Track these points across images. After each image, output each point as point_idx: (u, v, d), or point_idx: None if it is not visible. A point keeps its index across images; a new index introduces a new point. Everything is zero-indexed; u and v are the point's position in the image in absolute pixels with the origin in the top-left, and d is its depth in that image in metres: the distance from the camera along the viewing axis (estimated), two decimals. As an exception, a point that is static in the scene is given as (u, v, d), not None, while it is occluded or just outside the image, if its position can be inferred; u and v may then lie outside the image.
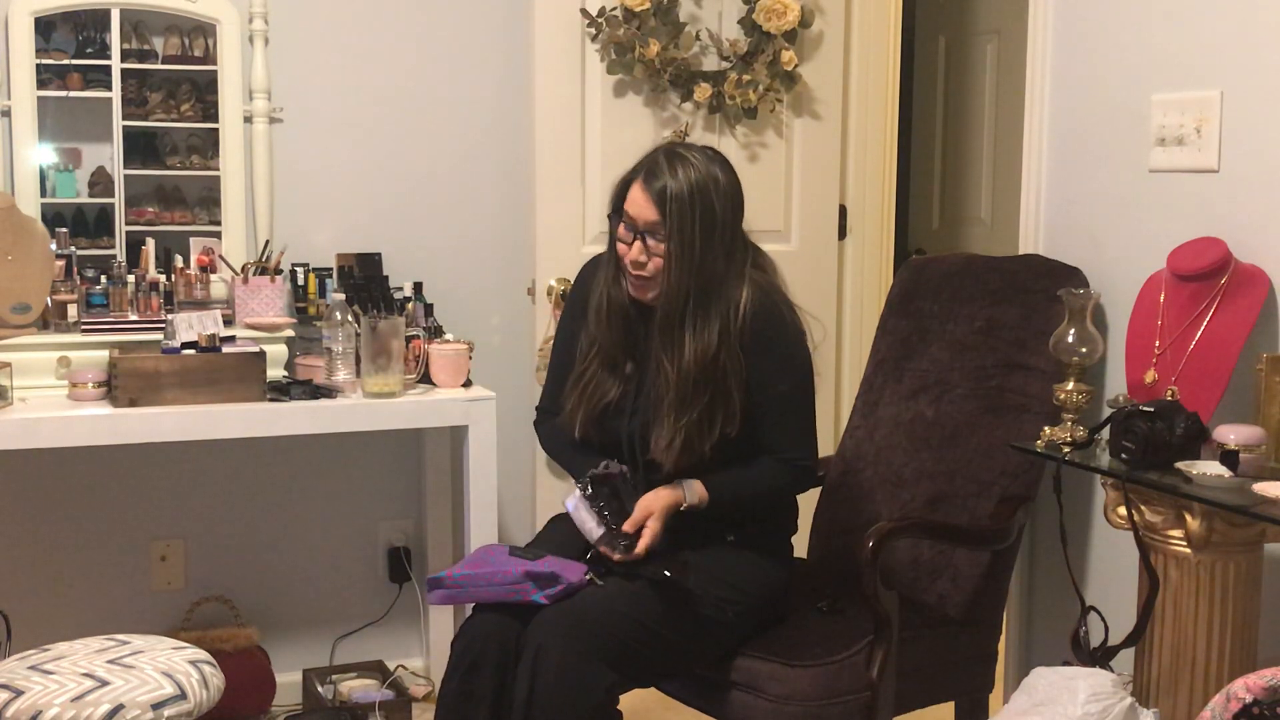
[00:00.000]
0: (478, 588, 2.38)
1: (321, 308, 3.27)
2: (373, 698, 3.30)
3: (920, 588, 2.74)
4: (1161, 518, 2.24)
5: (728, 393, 2.43)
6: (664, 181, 2.39)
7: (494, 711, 2.32)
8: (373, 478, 3.58)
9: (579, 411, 2.54)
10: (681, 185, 2.38)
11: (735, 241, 2.46)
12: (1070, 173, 2.89)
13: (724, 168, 2.45)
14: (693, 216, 2.38)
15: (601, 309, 2.52)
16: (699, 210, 2.39)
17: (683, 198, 2.38)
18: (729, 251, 2.44)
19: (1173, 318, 2.43)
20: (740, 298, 2.45)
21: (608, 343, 2.53)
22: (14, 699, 2.21)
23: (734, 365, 2.43)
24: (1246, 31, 2.43)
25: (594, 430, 2.55)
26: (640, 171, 2.44)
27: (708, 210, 2.40)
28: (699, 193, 2.39)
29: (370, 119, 3.49)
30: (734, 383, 2.44)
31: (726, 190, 2.43)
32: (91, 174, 3.31)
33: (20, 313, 2.95)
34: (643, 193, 2.41)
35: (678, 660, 2.45)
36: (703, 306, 2.43)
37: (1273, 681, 1.76)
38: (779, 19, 3.51)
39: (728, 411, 2.43)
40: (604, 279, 2.53)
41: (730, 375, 2.43)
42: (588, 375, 2.53)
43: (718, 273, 2.43)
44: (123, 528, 3.38)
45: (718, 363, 2.42)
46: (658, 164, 2.42)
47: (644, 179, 2.42)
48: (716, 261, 2.42)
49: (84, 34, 3.26)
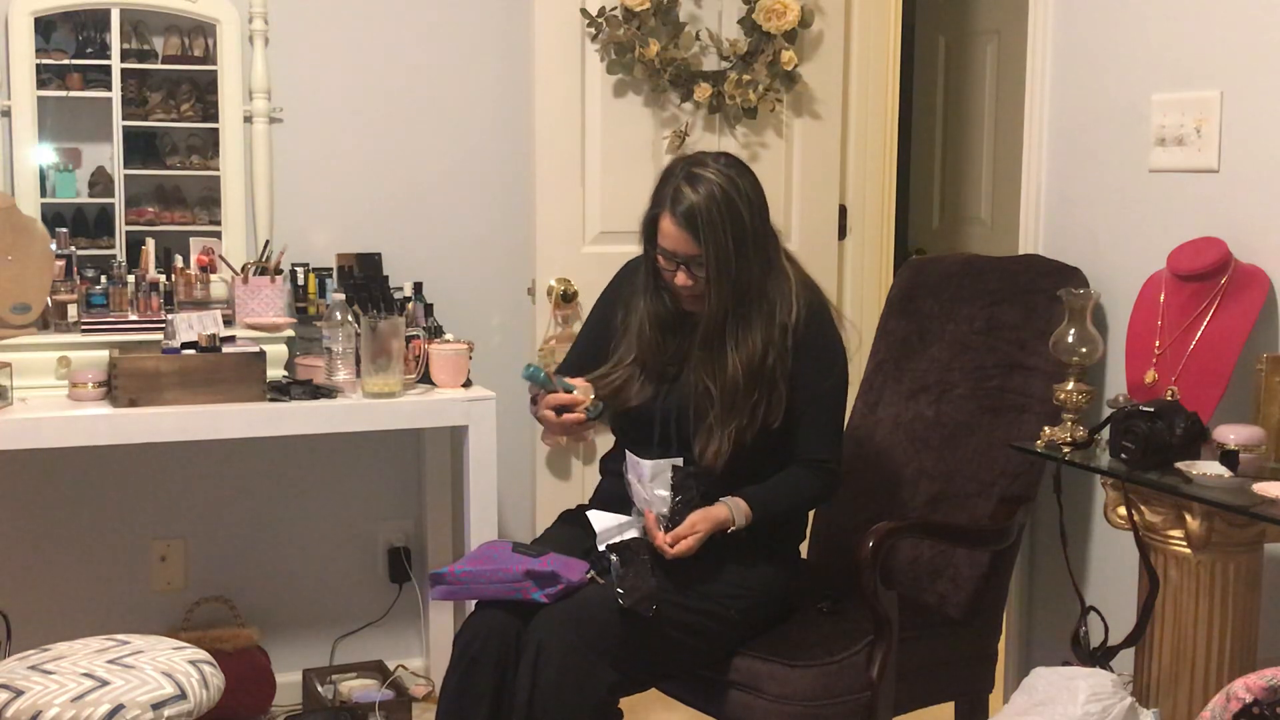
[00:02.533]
0: (479, 584, 2.38)
1: (321, 308, 3.27)
2: (373, 698, 3.30)
3: (920, 588, 2.74)
4: (1161, 518, 2.24)
5: (774, 384, 2.45)
6: (690, 205, 2.38)
7: (494, 708, 2.33)
8: (373, 478, 3.58)
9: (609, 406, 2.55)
10: (709, 206, 2.37)
11: (768, 240, 2.48)
12: (1070, 173, 2.90)
13: (741, 171, 2.45)
14: (725, 235, 2.38)
15: (645, 327, 2.53)
16: (729, 227, 2.39)
17: (713, 220, 2.37)
18: (763, 254, 2.46)
19: (1173, 318, 2.43)
20: (789, 294, 2.46)
21: (649, 357, 2.54)
22: (14, 699, 2.21)
23: (781, 363, 2.45)
24: (1246, 31, 2.43)
25: (617, 424, 2.59)
26: (665, 203, 2.42)
27: (737, 222, 2.40)
28: (725, 206, 2.38)
29: (370, 119, 3.49)
30: (779, 375, 2.45)
31: (750, 196, 2.43)
32: (91, 174, 3.31)
33: (20, 313, 2.95)
34: (674, 226, 2.40)
35: (679, 660, 2.45)
36: (743, 317, 2.44)
37: (1273, 681, 1.76)
38: (779, 19, 3.51)
39: (772, 401, 2.45)
40: (643, 300, 2.53)
41: (778, 372, 2.45)
42: (617, 379, 2.54)
43: (755, 279, 2.44)
44: (123, 528, 3.38)
45: (765, 365, 2.44)
46: (680, 191, 2.40)
47: (671, 210, 2.40)
48: (752, 269, 2.43)
49: (84, 34, 3.26)
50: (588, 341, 2.70)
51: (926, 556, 2.75)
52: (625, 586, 2.32)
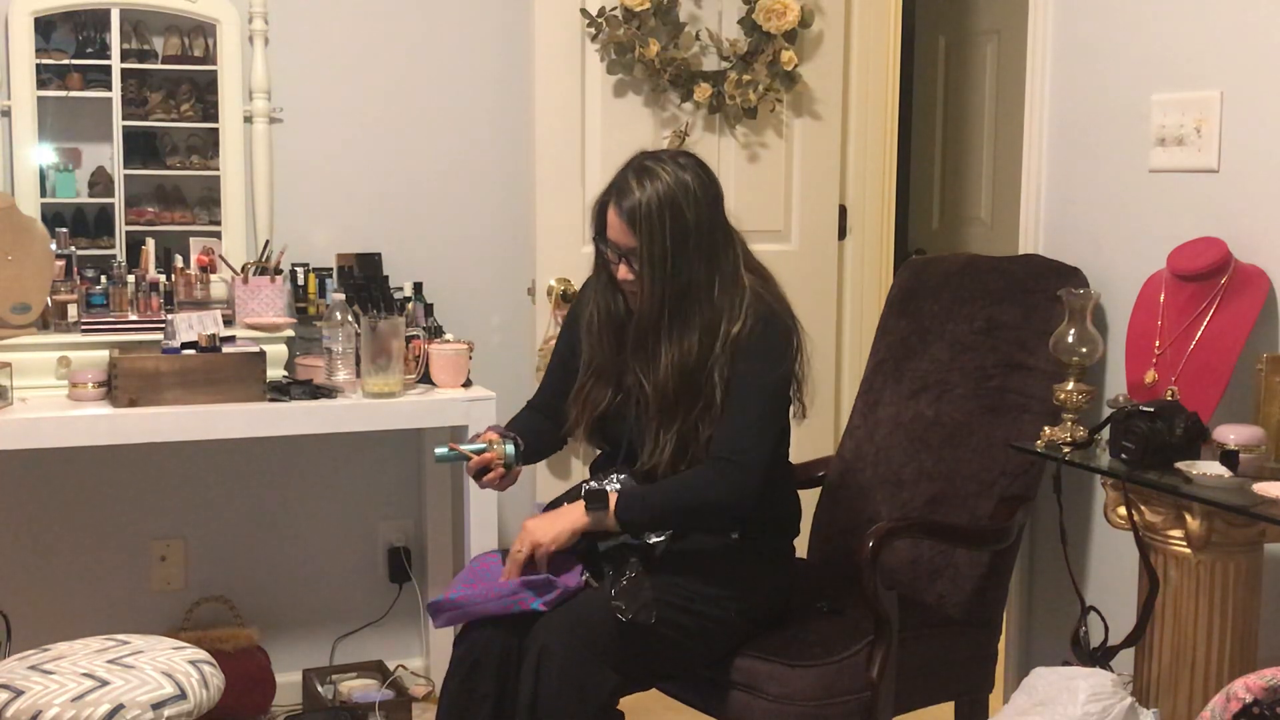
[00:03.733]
0: (476, 605, 2.36)
1: (321, 308, 3.27)
2: (373, 698, 3.30)
3: (920, 588, 2.74)
4: (1161, 518, 2.24)
5: (712, 396, 2.40)
6: (634, 200, 2.36)
7: (496, 712, 2.32)
8: (373, 478, 3.58)
9: (581, 421, 2.54)
10: (650, 200, 2.34)
11: (716, 245, 2.41)
12: (1070, 173, 2.89)
13: (696, 172, 2.41)
14: (663, 231, 2.35)
15: (594, 325, 2.51)
16: (668, 223, 2.35)
17: (651, 214, 2.34)
18: (709, 256, 2.40)
19: (1173, 318, 2.42)
20: (738, 305, 2.40)
21: (600, 358, 2.51)
22: (14, 699, 2.21)
23: (721, 371, 2.40)
24: (1246, 31, 2.43)
25: (596, 437, 2.57)
26: (612, 193, 2.41)
27: (678, 220, 2.35)
28: (668, 205, 2.35)
29: (370, 119, 3.49)
30: (720, 385, 2.40)
31: (699, 195, 2.38)
32: (91, 174, 3.31)
33: (20, 313, 2.95)
34: (615, 216, 2.39)
35: (680, 661, 2.45)
36: (680, 316, 2.39)
37: (1273, 681, 1.76)
38: (779, 19, 3.51)
39: (713, 413, 2.40)
40: (594, 294, 2.52)
41: (717, 378, 2.39)
42: (587, 388, 2.53)
43: (697, 280, 2.39)
44: (123, 528, 3.38)
45: (702, 367, 2.39)
46: (627, 183, 2.38)
47: (615, 201, 2.39)
48: (695, 270, 2.38)
49: (84, 34, 3.26)
50: (558, 366, 2.64)
51: (926, 556, 2.75)
52: (623, 599, 2.30)
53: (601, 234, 2.44)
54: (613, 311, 2.50)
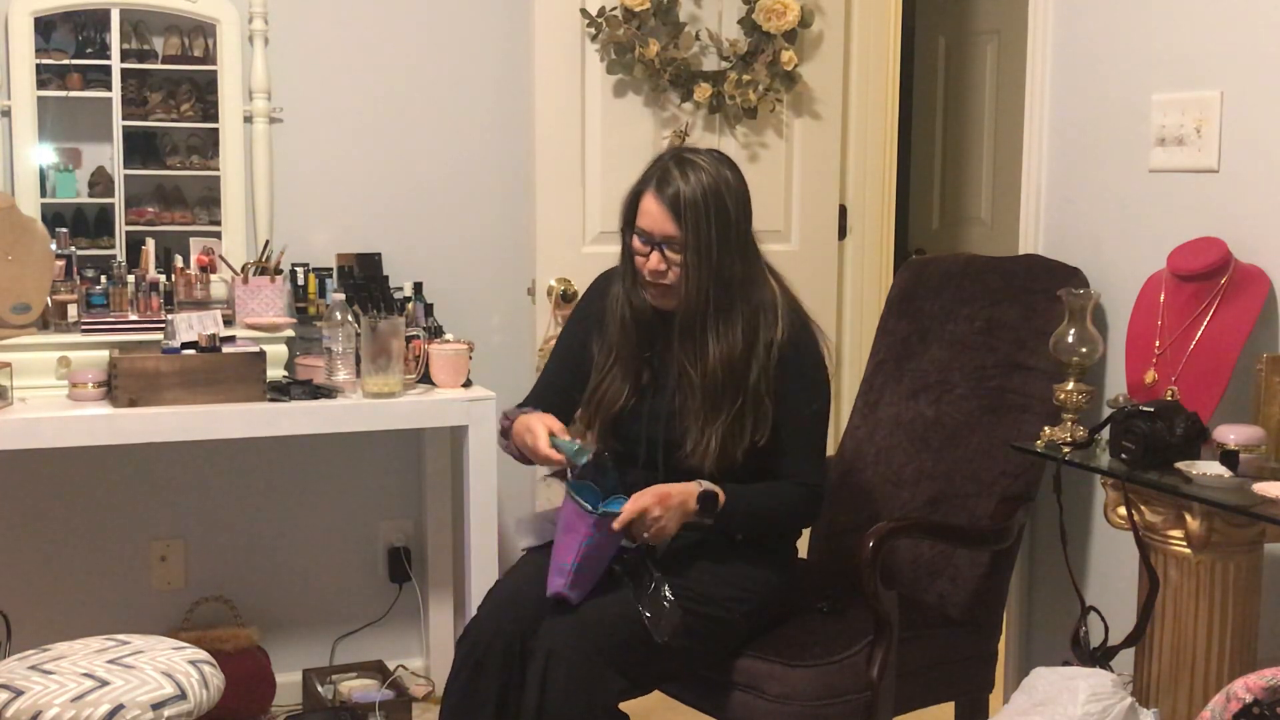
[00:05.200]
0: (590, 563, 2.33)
1: (321, 308, 3.27)
2: (373, 698, 3.30)
3: (920, 588, 2.74)
4: (1161, 518, 2.24)
5: (759, 398, 2.41)
6: (676, 188, 2.35)
7: (499, 713, 2.32)
8: (373, 478, 3.58)
9: (595, 421, 2.52)
10: (695, 190, 2.35)
11: (749, 243, 2.45)
12: (1070, 173, 2.89)
13: (732, 169, 2.43)
14: (708, 220, 2.35)
15: (626, 319, 2.49)
16: (714, 214, 2.36)
17: (697, 203, 2.35)
18: (744, 253, 2.43)
19: (1173, 318, 2.42)
20: (772, 307, 2.43)
21: (627, 353, 2.50)
22: (14, 699, 2.21)
23: (765, 379, 2.42)
24: (1246, 31, 2.43)
25: (610, 438, 2.53)
26: (650, 181, 2.40)
27: (722, 212, 2.37)
28: (712, 196, 2.36)
29: (370, 119, 3.49)
30: (764, 389, 2.42)
31: (737, 191, 2.41)
32: (91, 174, 3.31)
33: (20, 313, 2.95)
34: (656, 203, 2.37)
35: (684, 662, 2.45)
36: (724, 309, 2.41)
37: (1273, 681, 1.76)
38: (779, 19, 3.51)
39: (758, 416, 2.42)
40: (621, 290, 2.49)
41: (760, 381, 2.41)
42: (604, 386, 2.51)
43: (735, 275, 2.41)
44: (123, 528, 3.38)
45: (746, 365, 2.41)
46: (668, 171, 2.38)
47: (656, 188, 2.38)
48: (734, 264, 2.40)
49: (84, 34, 3.26)
50: (560, 363, 2.62)
51: (926, 556, 2.75)
52: (654, 622, 2.30)
53: (631, 223, 2.44)
54: (641, 306, 2.48)
